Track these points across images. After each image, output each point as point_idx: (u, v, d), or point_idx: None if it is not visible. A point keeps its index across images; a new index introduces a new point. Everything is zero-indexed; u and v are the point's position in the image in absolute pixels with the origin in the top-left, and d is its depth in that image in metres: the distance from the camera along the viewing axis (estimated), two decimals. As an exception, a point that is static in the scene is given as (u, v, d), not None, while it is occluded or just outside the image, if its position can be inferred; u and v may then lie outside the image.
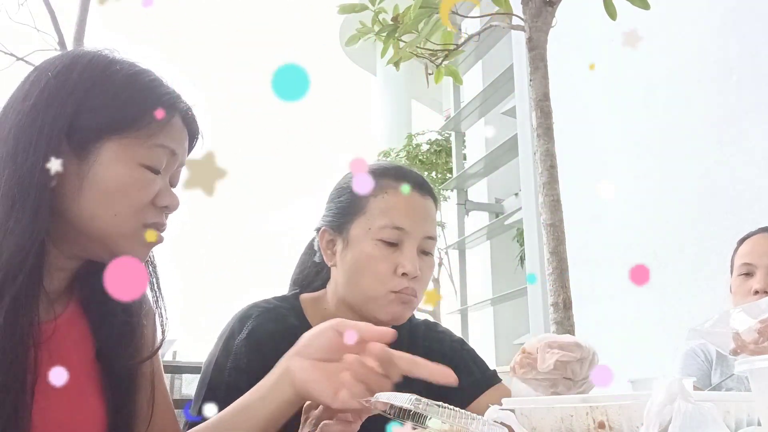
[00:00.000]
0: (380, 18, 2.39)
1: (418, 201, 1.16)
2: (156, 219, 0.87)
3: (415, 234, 1.13)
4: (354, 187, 1.17)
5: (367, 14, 2.44)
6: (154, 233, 0.88)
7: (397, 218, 1.12)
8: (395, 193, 1.14)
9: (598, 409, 0.69)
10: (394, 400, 0.72)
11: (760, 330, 0.76)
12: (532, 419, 0.75)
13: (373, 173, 1.16)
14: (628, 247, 3.47)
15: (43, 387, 0.79)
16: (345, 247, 1.15)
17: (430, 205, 1.19)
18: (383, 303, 1.11)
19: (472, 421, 0.68)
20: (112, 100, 0.84)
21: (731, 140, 2.86)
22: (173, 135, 0.89)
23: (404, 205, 1.14)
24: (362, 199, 1.15)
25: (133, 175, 0.83)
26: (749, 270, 1.67)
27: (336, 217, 1.18)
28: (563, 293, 2.07)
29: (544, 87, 2.20)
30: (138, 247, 0.87)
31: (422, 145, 11.09)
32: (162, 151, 0.87)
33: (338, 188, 1.22)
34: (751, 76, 2.78)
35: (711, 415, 0.61)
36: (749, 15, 2.82)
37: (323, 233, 1.19)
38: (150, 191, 0.86)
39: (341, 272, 1.15)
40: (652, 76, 3.39)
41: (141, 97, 0.86)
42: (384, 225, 1.11)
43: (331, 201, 1.22)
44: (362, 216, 1.14)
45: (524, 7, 2.26)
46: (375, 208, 1.14)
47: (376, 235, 1.12)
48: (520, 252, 6.55)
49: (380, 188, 1.15)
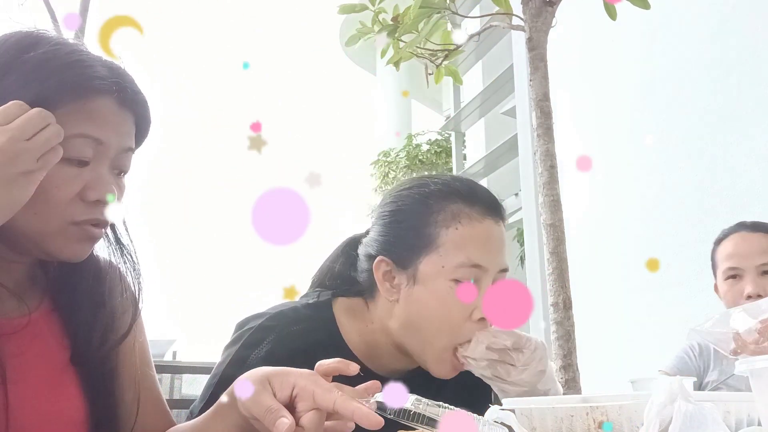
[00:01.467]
0: (380, 18, 2.39)
1: (494, 230, 1.01)
2: (86, 215, 0.81)
3: (492, 270, 0.99)
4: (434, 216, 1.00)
5: (367, 14, 2.44)
6: (86, 230, 0.81)
7: (474, 254, 0.97)
8: (470, 223, 0.99)
9: (598, 409, 0.69)
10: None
11: (760, 330, 0.76)
12: (532, 419, 0.75)
13: (442, 196, 1.02)
14: (628, 247, 3.47)
15: (18, 378, 0.79)
16: (412, 284, 0.99)
17: (503, 230, 1.04)
18: (443, 357, 0.98)
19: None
20: (21, 85, 0.76)
21: (731, 140, 2.86)
22: (98, 121, 0.80)
23: (481, 238, 0.99)
24: (431, 228, 0.99)
25: (49, 171, 0.75)
26: (737, 273, 1.66)
27: (397, 248, 1.01)
28: (563, 293, 2.06)
29: (544, 87, 2.20)
30: (70, 246, 0.81)
31: (422, 145, 11.09)
32: (83, 142, 0.79)
33: (395, 209, 1.04)
34: (751, 76, 2.78)
35: (711, 415, 0.61)
36: (749, 15, 2.82)
37: (380, 263, 1.02)
38: (71, 187, 0.79)
39: (403, 311, 1.00)
40: (652, 76, 3.39)
41: (55, 79, 0.78)
42: (461, 263, 0.97)
43: (387, 224, 1.04)
44: (434, 251, 0.98)
45: (524, 7, 2.26)
46: (449, 241, 0.98)
47: (451, 274, 0.96)
48: (520, 252, 6.54)
49: (453, 217, 0.99)
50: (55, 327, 0.88)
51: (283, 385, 0.72)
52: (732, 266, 1.67)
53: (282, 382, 0.72)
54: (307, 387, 0.71)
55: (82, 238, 0.82)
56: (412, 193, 1.05)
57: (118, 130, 0.83)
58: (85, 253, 0.84)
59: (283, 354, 0.96)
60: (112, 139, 0.82)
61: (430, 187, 1.04)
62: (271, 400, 0.70)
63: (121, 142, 0.84)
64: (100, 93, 0.81)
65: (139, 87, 0.87)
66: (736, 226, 1.76)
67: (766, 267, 1.63)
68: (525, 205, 4.66)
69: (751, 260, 1.65)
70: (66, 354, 0.87)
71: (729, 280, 1.67)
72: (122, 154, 0.84)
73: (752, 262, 1.64)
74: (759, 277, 1.62)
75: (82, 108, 0.79)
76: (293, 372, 0.73)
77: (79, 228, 0.81)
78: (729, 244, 1.72)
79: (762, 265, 1.63)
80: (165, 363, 5.96)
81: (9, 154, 0.70)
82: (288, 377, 0.72)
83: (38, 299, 0.88)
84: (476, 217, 1.00)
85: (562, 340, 2.03)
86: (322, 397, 0.70)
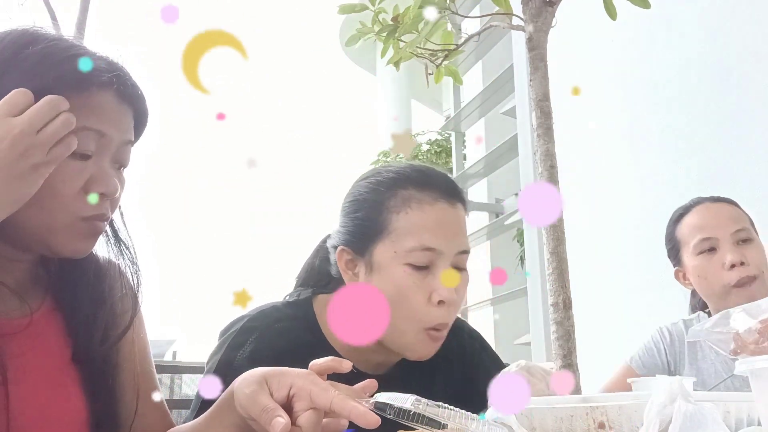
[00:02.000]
0: (380, 18, 2.39)
1: (448, 213, 1.02)
2: (94, 210, 0.81)
3: (448, 252, 0.99)
4: (373, 197, 1.03)
5: (367, 14, 2.44)
6: (92, 226, 0.81)
7: (426, 238, 0.98)
8: (421, 207, 1.00)
9: (598, 409, 0.69)
10: (393, 400, 0.72)
11: (760, 330, 0.76)
12: (532, 419, 0.75)
13: (393, 181, 1.04)
14: (628, 247, 3.47)
15: (19, 378, 0.78)
16: (369, 272, 1.01)
17: (461, 214, 1.05)
18: (415, 341, 1.00)
19: (471, 422, 0.68)
20: (21, 82, 0.75)
21: (731, 140, 2.86)
22: (100, 114, 0.80)
23: (433, 221, 1.00)
24: (383, 215, 1.01)
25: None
26: (712, 244, 1.51)
27: (355, 237, 1.04)
28: (563, 293, 2.06)
29: (544, 87, 2.20)
30: (75, 242, 0.81)
31: (422, 145, 11.09)
32: (87, 134, 0.79)
33: (353, 200, 1.07)
34: (751, 76, 2.78)
35: (711, 415, 0.61)
36: (749, 15, 2.82)
37: (341, 253, 1.05)
38: (76, 181, 0.79)
39: None
40: (652, 75, 3.39)
41: (54, 74, 0.77)
42: (413, 247, 0.98)
43: (346, 215, 1.07)
44: (386, 237, 1.00)
45: (524, 7, 2.25)
46: (400, 227, 0.99)
47: (404, 259, 0.98)
48: (520, 252, 6.55)
49: (403, 202, 1.01)
50: (56, 326, 0.88)
51: (280, 385, 0.71)
52: (705, 237, 1.51)
53: (279, 382, 0.72)
54: (304, 386, 0.71)
55: (87, 234, 0.82)
56: (366, 183, 1.07)
57: (119, 124, 0.83)
58: (88, 249, 0.84)
59: (267, 352, 0.97)
60: (114, 132, 0.82)
61: (382, 175, 1.06)
62: (267, 399, 0.70)
63: (122, 135, 0.84)
64: (100, 86, 0.81)
65: (137, 81, 0.86)
66: (694, 200, 1.61)
67: (741, 234, 1.49)
68: (525, 205, 4.65)
69: (725, 228, 1.50)
70: (67, 353, 0.87)
71: (703, 255, 1.52)
72: (123, 148, 0.85)
73: (726, 230, 1.49)
74: (736, 246, 1.48)
75: (83, 101, 0.78)
76: (290, 372, 0.73)
77: (87, 223, 0.81)
78: (694, 217, 1.57)
79: (737, 232, 1.49)
80: (165, 363, 5.95)
81: (20, 148, 0.69)
82: (285, 377, 0.72)
83: (40, 299, 0.88)
84: (427, 201, 1.00)
85: (562, 340, 2.03)
86: (318, 396, 0.70)
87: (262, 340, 1.00)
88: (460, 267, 1.03)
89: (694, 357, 1.58)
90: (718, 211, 1.56)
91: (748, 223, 1.54)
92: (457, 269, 1.02)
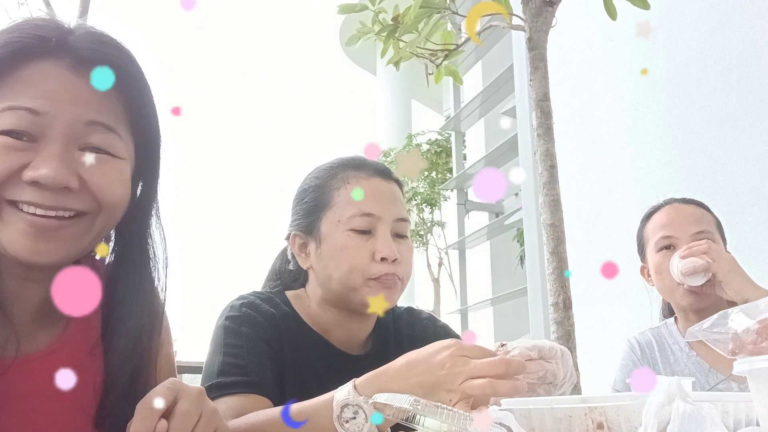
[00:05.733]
0: (380, 18, 2.40)
1: (382, 185, 1.15)
2: (27, 196, 0.69)
3: (386, 218, 1.11)
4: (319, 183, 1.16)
5: (367, 14, 2.44)
6: (25, 218, 0.70)
7: (364, 205, 1.11)
8: (358, 181, 1.14)
9: (597, 409, 0.69)
10: (393, 401, 0.72)
11: (758, 330, 0.76)
12: (531, 420, 0.75)
13: (332, 167, 1.18)
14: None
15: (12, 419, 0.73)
16: (318, 245, 1.14)
17: (396, 188, 1.18)
18: (365, 290, 1.10)
19: (470, 422, 0.68)
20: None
21: (731, 140, 2.86)
22: (32, 89, 0.69)
23: (370, 191, 1.12)
24: (326, 194, 1.14)
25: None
26: (671, 242, 1.55)
27: (304, 218, 1.17)
28: (563, 293, 2.07)
29: (544, 87, 2.20)
30: (15, 236, 0.70)
31: (422, 145, 11.09)
32: (11, 114, 0.69)
33: (300, 191, 1.21)
34: (751, 76, 2.78)
35: (710, 415, 0.61)
36: (749, 15, 2.82)
37: (294, 238, 1.18)
38: (5, 163, 0.69)
39: (318, 270, 1.14)
40: (652, 75, 3.39)
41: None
42: (353, 214, 1.10)
43: (296, 205, 1.21)
44: (329, 210, 1.13)
45: (524, 7, 2.26)
46: (341, 199, 1.13)
47: (346, 225, 1.10)
48: (520, 252, 6.55)
49: (342, 180, 1.14)
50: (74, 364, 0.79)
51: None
52: (666, 235, 1.56)
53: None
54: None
55: (24, 229, 0.70)
56: (310, 174, 1.22)
57: (69, 98, 0.70)
58: (34, 247, 0.71)
59: (256, 315, 1.10)
60: (57, 108, 0.70)
61: (323, 165, 1.21)
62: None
63: (76, 112, 0.71)
64: (33, 57, 0.70)
65: (110, 44, 0.75)
66: (665, 200, 1.65)
67: (700, 235, 1.53)
68: (525, 205, 4.66)
69: (686, 228, 1.54)
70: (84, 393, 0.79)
71: (663, 251, 1.56)
72: (86, 128, 0.72)
73: (687, 231, 1.54)
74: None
75: (15, 79, 0.70)
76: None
77: (19, 214, 0.70)
78: (661, 216, 1.61)
79: (697, 234, 1.53)
80: (165, 363, 5.97)
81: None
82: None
83: (49, 335, 0.79)
84: (363, 177, 1.14)
85: (562, 340, 2.03)
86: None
87: (252, 306, 1.12)
88: (401, 233, 1.15)
89: (667, 361, 1.61)
90: (683, 211, 1.60)
91: (713, 225, 1.58)
92: (399, 236, 1.14)
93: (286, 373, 1.09)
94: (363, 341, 1.20)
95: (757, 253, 2.61)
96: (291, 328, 1.13)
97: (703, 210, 1.60)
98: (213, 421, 0.69)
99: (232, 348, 1.06)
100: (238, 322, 1.09)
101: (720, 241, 1.57)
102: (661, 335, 1.67)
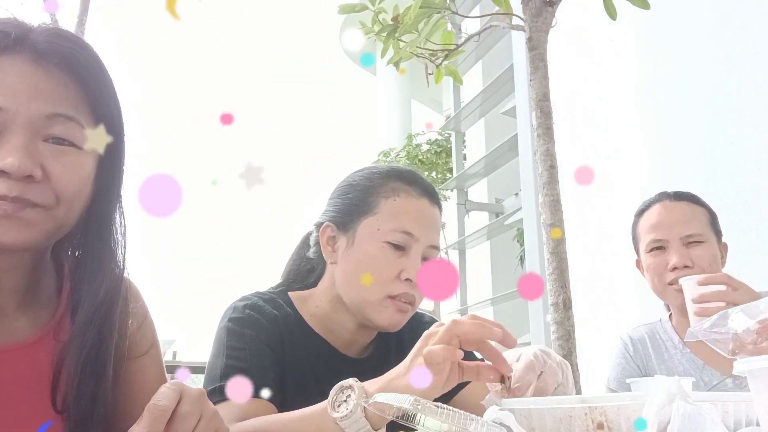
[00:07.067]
0: (380, 18, 2.39)
1: (428, 208, 1.15)
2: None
3: (422, 241, 1.12)
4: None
5: (367, 14, 2.44)
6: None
7: (407, 223, 1.11)
8: (407, 198, 1.14)
9: (597, 409, 0.69)
10: (393, 401, 0.72)
11: (758, 330, 0.76)
12: (531, 420, 0.75)
13: (386, 174, 1.17)
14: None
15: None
16: (349, 245, 1.13)
17: (438, 214, 1.19)
18: (379, 307, 1.10)
19: (470, 422, 0.68)
20: None
21: (731, 140, 2.86)
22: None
23: (415, 211, 1.13)
24: (373, 198, 1.14)
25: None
26: (660, 244, 1.58)
27: (342, 214, 1.16)
28: (563, 293, 2.06)
29: (544, 87, 2.20)
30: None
31: (422, 145, 11.09)
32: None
33: (346, 185, 1.20)
34: (751, 76, 2.78)
35: (710, 415, 0.61)
36: (749, 15, 2.82)
37: (325, 229, 1.17)
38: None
39: (342, 270, 1.14)
40: (651, 75, 3.39)
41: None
42: (394, 228, 1.11)
43: (337, 197, 1.20)
44: (371, 216, 1.13)
45: (524, 7, 2.26)
46: (386, 209, 1.13)
47: (384, 236, 1.11)
48: (520, 252, 6.55)
49: (392, 190, 1.14)
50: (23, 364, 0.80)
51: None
52: (656, 238, 1.59)
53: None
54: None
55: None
56: (360, 173, 1.21)
57: (29, 92, 0.71)
58: (1, 230, 0.71)
59: (259, 317, 1.10)
60: (18, 103, 0.71)
61: (377, 168, 1.21)
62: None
63: (37, 105, 0.72)
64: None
65: (68, 38, 0.76)
66: (658, 195, 1.68)
67: (690, 237, 1.55)
68: (525, 205, 4.66)
69: (675, 231, 1.56)
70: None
71: (653, 252, 1.59)
72: (47, 121, 0.73)
73: (676, 233, 1.56)
74: (684, 248, 1.54)
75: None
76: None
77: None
78: (651, 215, 1.64)
79: (687, 237, 1.55)
80: (165, 363, 5.95)
81: None
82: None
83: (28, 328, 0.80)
84: (414, 194, 1.15)
85: (562, 340, 2.03)
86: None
87: (254, 308, 1.12)
88: (429, 260, 1.15)
89: (660, 357, 1.61)
90: (674, 211, 1.61)
91: (705, 223, 1.59)
92: (426, 261, 1.14)
93: (287, 374, 1.09)
94: (365, 345, 1.21)
95: (756, 253, 2.61)
96: (293, 329, 1.13)
97: (695, 206, 1.61)
98: (213, 423, 0.69)
99: (234, 350, 1.06)
100: (240, 324, 1.09)
101: (713, 237, 1.57)
102: (655, 331, 1.67)
